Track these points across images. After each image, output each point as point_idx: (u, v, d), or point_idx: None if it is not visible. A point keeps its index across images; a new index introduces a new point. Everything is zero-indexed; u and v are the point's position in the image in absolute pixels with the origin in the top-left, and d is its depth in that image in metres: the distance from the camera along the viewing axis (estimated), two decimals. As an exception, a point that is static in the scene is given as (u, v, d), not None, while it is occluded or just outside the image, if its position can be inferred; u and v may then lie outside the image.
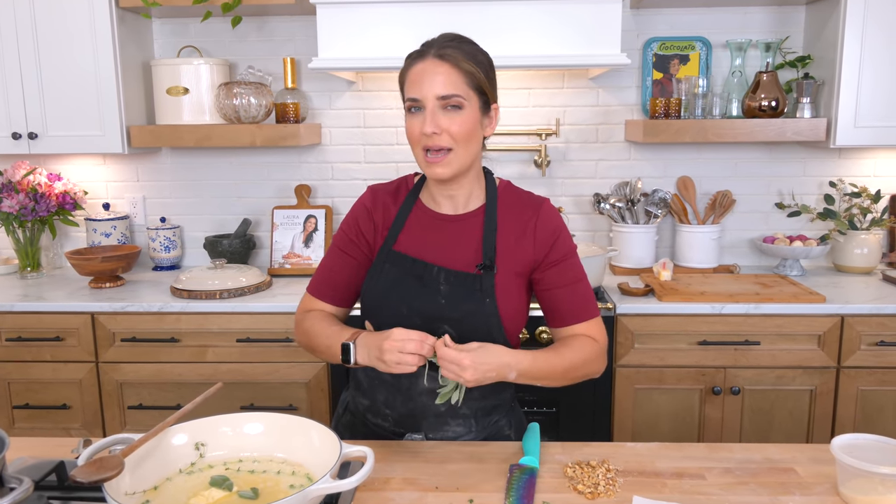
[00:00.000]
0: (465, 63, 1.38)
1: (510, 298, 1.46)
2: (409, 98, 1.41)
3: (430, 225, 1.50)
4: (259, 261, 3.10)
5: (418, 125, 1.39)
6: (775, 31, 2.85)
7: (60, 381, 2.55)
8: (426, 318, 1.44)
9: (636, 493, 1.24)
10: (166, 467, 1.22)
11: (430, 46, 1.42)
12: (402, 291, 1.46)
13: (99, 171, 3.07)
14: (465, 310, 1.43)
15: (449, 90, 1.37)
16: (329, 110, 2.98)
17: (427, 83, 1.37)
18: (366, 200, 1.56)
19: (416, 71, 1.40)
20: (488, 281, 1.43)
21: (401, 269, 1.48)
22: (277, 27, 2.94)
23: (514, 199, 1.52)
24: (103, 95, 2.68)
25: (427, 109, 1.38)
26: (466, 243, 1.47)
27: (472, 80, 1.39)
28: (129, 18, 2.75)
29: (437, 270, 1.45)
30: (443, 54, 1.38)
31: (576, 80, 2.91)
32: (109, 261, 2.66)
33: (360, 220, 1.54)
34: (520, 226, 1.48)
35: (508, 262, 1.46)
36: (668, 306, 2.41)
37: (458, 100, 1.38)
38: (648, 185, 2.96)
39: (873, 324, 2.39)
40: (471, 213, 1.49)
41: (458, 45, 1.41)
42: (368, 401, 1.54)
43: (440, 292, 1.44)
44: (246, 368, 2.51)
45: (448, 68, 1.38)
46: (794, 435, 2.46)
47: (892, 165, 2.91)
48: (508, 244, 1.47)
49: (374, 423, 1.55)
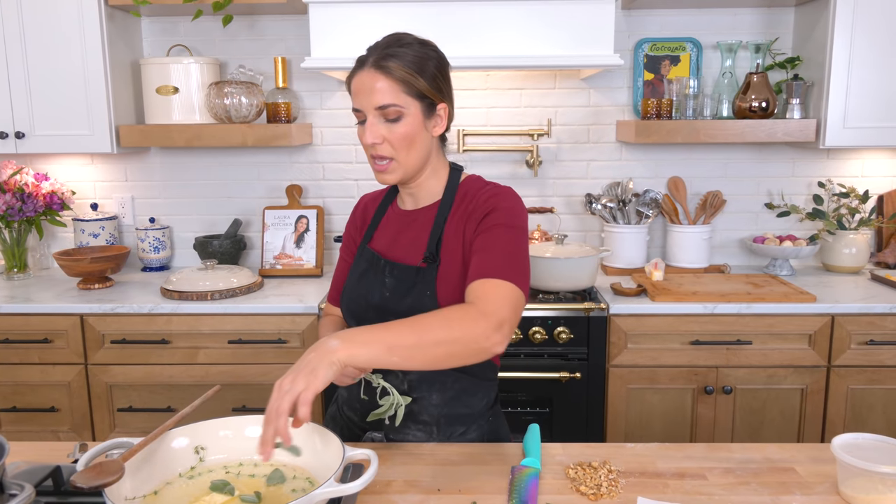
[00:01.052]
0: (401, 72, 1.37)
1: (455, 291, 1.41)
2: (354, 109, 1.43)
3: (395, 221, 1.55)
4: (250, 261, 3.08)
5: (362, 135, 1.42)
6: (764, 32, 2.87)
7: (49, 383, 2.52)
8: (378, 312, 1.46)
9: (639, 494, 1.24)
10: (166, 471, 1.21)
11: (369, 53, 1.41)
12: (365, 285, 1.50)
13: (87, 171, 3.04)
14: (407, 303, 1.43)
15: (386, 100, 1.37)
16: (320, 110, 2.97)
17: (364, 95, 1.38)
18: (358, 205, 1.67)
19: (355, 81, 1.41)
20: (430, 274, 1.42)
21: (367, 264, 1.53)
22: (268, 26, 2.92)
23: (473, 190, 1.47)
24: (92, 94, 2.65)
25: (368, 121, 1.40)
26: (416, 237, 1.49)
27: (410, 88, 1.38)
28: (118, 16, 2.72)
29: (384, 263, 1.49)
30: (380, 65, 1.37)
31: (567, 80, 2.92)
32: (98, 262, 2.63)
33: (352, 225, 1.65)
34: (469, 210, 1.44)
35: (454, 253, 1.42)
36: (660, 306, 2.42)
37: (396, 109, 1.38)
38: (639, 186, 2.97)
39: (863, 323, 2.41)
40: (425, 207, 1.51)
41: (394, 52, 1.38)
42: (347, 393, 1.56)
43: (385, 285, 1.47)
44: (238, 370, 2.49)
45: (383, 79, 1.37)
46: (785, 434, 2.48)
47: (879, 166, 2.94)
48: (455, 234, 1.44)
49: (347, 416, 1.56)
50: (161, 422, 2.52)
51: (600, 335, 2.42)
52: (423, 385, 1.45)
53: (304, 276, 2.85)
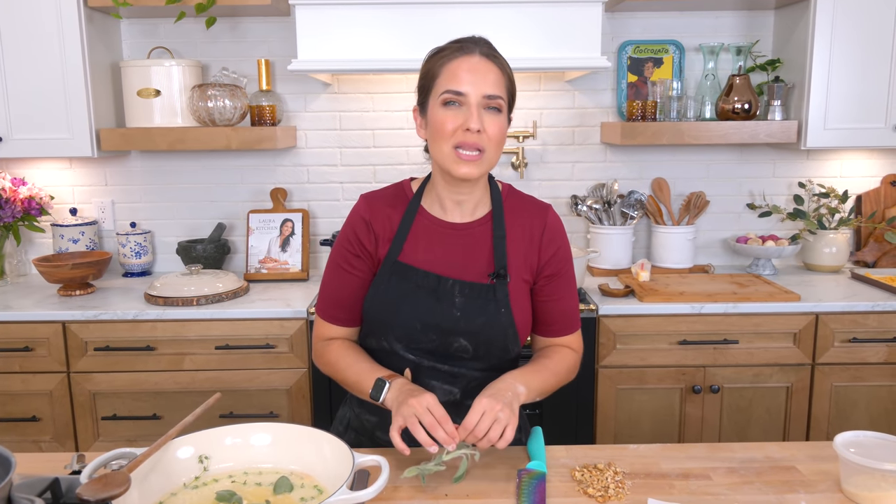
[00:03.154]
0: (508, 69, 1.40)
1: (522, 306, 1.45)
2: (450, 90, 1.34)
3: (437, 234, 1.45)
4: (234, 266, 3.04)
5: (457, 119, 1.34)
6: (746, 34, 2.90)
7: (30, 392, 2.46)
8: (441, 333, 1.41)
9: (646, 496, 1.25)
10: (170, 482, 1.19)
11: (471, 44, 1.39)
12: (414, 305, 1.41)
13: (65, 176, 2.98)
14: (482, 321, 1.40)
15: (496, 90, 1.36)
16: (304, 113, 2.94)
17: (476, 79, 1.34)
18: (362, 211, 1.48)
19: (461, 64, 1.35)
20: (502, 290, 1.42)
21: (410, 282, 1.42)
22: (251, 28, 2.89)
23: (519, 204, 1.50)
24: (71, 97, 2.59)
25: (472, 105, 1.34)
26: (478, 252, 1.44)
27: (511, 86, 1.40)
28: (97, 18, 2.68)
29: (452, 283, 1.41)
30: (489, 54, 1.37)
31: (552, 82, 2.93)
32: (80, 268, 2.58)
33: (360, 232, 1.47)
34: (527, 232, 1.47)
35: (517, 270, 1.45)
36: (648, 307, 2.44)
37: (500, 102, 1.37)
38: (624, 187, 2.99)
39: (846, 321, 2.45)
40: (479, 220, 1.47)
41: (495, 50, 1.41)
42: (377, 417, 1.50)
43: (455, 305, 1.41)
44: (224, 376, 2.46)
45: (496, 69, 1.37)
46: (771, 431, 2.51)
47: (858, 166, 3.00)
48: (517, 251, 1.45)
49: (385, 441, 1.48)
50: (147, 430, 2.48)
51: (589, 336, 2.43)
52: (478, 391, 1.37)
53: (291, 281, 2.82)
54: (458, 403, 1.45)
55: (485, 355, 1.44)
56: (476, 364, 1.46)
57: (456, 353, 1.44)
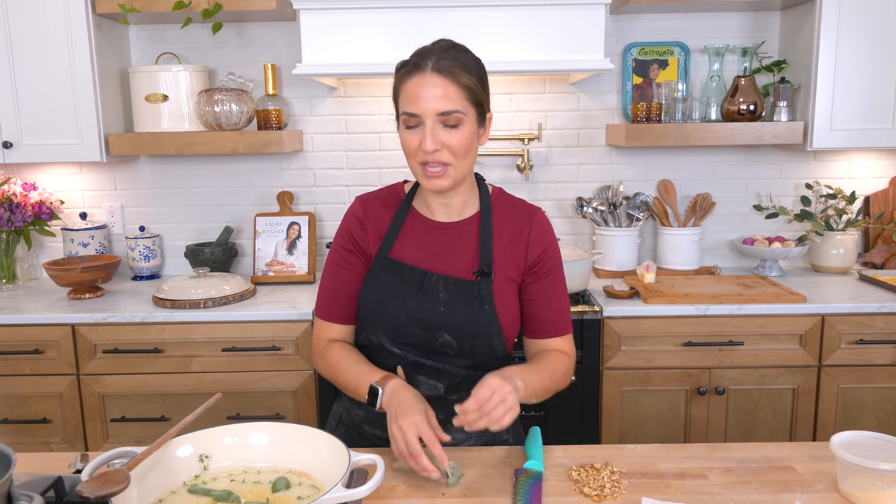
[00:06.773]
0: (463, 77, 1.34)
1: (507, 304, 1.47)
2: (406, 112, 1.36)
3: (425, 232, 1.49)
4: (241, 269, 3.07)
5: (416, 140, 1.36)
6: (751, 36, 2.90)
7: (40, 394, 2.49)
8: (426, 327, 1.44)
9: (642, 495, 1.25)
10: (170, 480, 1.21)
11: (425, 57, 1.36)
12: (401, 300, 1.45)
13: (75, 181, 3.02)
14: (465, 317, 1.42)
15: (448, 107, 1.33)
16: (311, 116, 2.97)
17: (425, 99, 1.33)
18: (356, 210, 1.53)
19: (413, 84, 1.35)
20: (486, 287, 1.44)
21: (398, 278, 1.46)
22: (257, 33, 2.91)
23: (509, 206, 1.52)
24: (80, 103, 2.63)
25: (426, 126, 1.34)
26: (463, 250, 1.47)
27: (471, 94, 1.36)
28: (105, 25, 2.71)
29: (437, 278, 1.45)
30: (441, 68, 1.33)
31: (557, 85, 2.93)
32: (89, 271, 2.61)
33: (353, 230, 1.51)
34: (514, 233, 1.48)
35: (503, 269, 1.47)
36: (653, 308, 2.44)
37: (458, 116, 1.34)
38: (630, 189, 2.99)
39: (853, 323, 2.43)
40: (466, 220, 1.49)
41: (454, 57, 1.36)
42: (364, 412, 1.53)
43: (439, 300, 1.43)
44: (231, 378, 2.48)
45: (447, 84, 1.33)
46: (778, 433, 2.50)
47: (865, 167, 2.98)
48: (503, 251, 1.47)
49: (371, 434, 1.54)
50: (155, 431, 2.50)
51: (594, 338, 2.43)
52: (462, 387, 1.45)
53: (297, 283, 2.85)
54: (441, 399, 1.47)
55: (470, 352, 1.46)
56: (462, 361, 1.48)
57: (441, 348, 1.46)
